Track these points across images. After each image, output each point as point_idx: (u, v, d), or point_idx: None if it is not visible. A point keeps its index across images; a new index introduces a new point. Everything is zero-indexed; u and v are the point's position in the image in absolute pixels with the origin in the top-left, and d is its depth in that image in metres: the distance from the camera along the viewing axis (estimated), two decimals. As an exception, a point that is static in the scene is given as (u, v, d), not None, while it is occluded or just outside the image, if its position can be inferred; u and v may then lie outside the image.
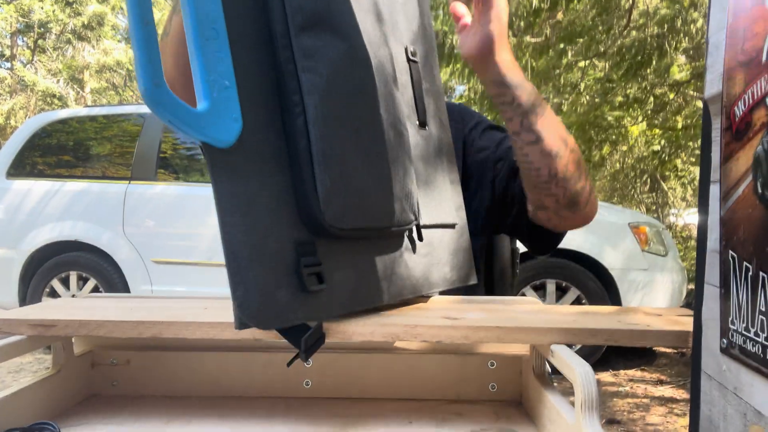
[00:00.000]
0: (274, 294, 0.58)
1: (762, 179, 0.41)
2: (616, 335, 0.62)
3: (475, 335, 0.62)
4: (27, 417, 0.65)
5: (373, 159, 0.70)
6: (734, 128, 0.46)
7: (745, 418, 0.43)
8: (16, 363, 3.45)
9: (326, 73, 0.64)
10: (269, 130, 0.62)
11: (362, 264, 0.69)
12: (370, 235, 0.70)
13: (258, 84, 0.61)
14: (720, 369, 0.47)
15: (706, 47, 0.51)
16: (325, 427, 0.67)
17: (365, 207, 0.68)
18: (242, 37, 0.59)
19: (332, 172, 0.63)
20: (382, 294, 0.71)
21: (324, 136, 0.63)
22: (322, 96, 0.63)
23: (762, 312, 0.41)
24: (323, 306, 0.63)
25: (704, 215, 0.50)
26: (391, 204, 0.71)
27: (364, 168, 0.68)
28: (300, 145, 0.62)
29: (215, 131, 0.55)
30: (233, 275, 0.56)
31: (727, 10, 0.47)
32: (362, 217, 0.67)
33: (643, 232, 3.49)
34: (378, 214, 0.70)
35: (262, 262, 0.58)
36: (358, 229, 0.67)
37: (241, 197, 0.57)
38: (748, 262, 0.43)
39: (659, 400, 3.03)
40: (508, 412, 0.72)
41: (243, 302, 0.56)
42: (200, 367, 0.78)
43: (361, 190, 0.67)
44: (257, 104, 0.60)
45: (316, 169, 0.62)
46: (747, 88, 0.44)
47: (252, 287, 0.57)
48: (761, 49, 0.42)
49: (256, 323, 0.58)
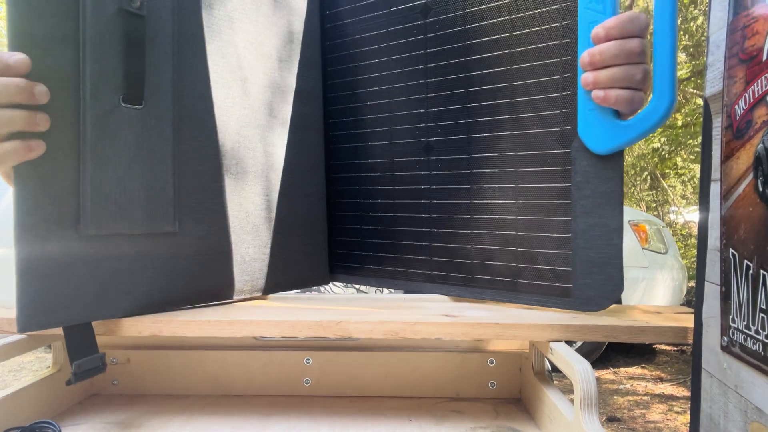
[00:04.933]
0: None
1: (763, 177, 0.41)
2: (615, 331, 0.62)
3: (474, 332, 0.62)
4: (28, 416, 0.65)
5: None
6: (735, 127, 0.46)
7: (745, 416, 0.44)
8: (17, 362, 3.45)
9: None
10: None
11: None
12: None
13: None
14: (721, 367, 0.47)
15: (706, 45, 0.51)
16: (325, 426, 0.67)
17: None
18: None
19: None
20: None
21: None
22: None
23: (763, 310, 0.41)
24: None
25: (705, 213, 0.50)
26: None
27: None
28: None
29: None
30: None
31: (727, 8, 0.47)
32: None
33: (643, 230, 3.50)
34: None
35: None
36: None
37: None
38: (748, 260, 0.43)
39: (659, 398, 3.03)
40: (508, 409, 0.72)
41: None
42: (200, 365, 0.78)
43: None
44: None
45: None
46: (748, 86, 0.44)
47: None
48: (762, 47, 0.42)
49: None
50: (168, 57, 0.68)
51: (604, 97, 0.61)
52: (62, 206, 0.59)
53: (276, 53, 0.82)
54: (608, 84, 0.60)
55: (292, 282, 0.84)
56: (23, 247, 0.57)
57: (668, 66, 0.57)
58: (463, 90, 0.75)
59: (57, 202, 0.59)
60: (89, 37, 0.61)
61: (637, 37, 0.59)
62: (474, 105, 0.74)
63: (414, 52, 0.79)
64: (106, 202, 0.62)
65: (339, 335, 0.63)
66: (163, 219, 0.68)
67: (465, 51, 0.75)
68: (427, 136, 0.79)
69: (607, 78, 0.60)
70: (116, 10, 0.63)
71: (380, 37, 0.83)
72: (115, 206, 0.63)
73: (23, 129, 0.55)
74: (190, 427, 0.66)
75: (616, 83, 0.60)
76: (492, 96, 0.72)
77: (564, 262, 0.68)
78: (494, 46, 0.72)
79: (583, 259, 0.66)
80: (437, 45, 0.77)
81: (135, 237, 0.65)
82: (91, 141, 0.61)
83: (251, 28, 0.79)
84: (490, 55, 0.72)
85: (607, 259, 0.65)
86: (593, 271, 0.66)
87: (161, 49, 0.67)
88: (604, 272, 0.65)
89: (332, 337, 0.64)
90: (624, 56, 0.59)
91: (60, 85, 0.59)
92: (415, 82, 0.79)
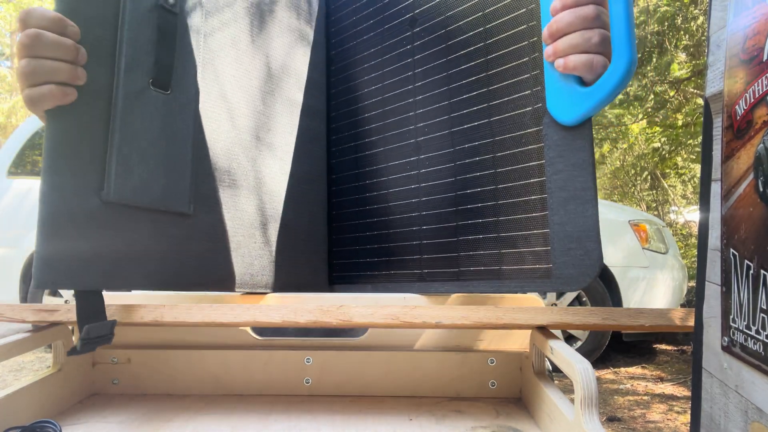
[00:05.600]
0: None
1: (763, 177, 0.41)
2: (615, 314, 0.63)
3: (474, 315, 0.63)
4: (28, 415, 0.65)
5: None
6: (735, 126, 0.46)
7: (746, 416, 0.43)
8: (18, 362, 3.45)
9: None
10: None
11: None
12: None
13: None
14: (721, 367, 0.47)
15: (707, 45, 0.51)
16: (325, 425, 0.67)
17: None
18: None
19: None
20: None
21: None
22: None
23: (763, 310, 0.41)
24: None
25: (705, 213, 0.50)
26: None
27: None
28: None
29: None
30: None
31: (728, 8, 0.47)
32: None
33: (643, 230, 3.50)
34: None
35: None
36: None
37: None
38: (749, 260, 0.43)
39: (660, 398, 3.03)
40: (508, 409, 0.72)
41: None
42: (200, 365, 0.78)
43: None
44: None
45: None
46: (748, 86, 0.44)
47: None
48: (762, 47, 0.42)
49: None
50: (194, 54, 0.74)
51: (564, 64, 0.62)
52: (88, 171, 0.63)
53: (294, 74, 0.89)
54: (567, 51, 0.62)
55: (294, 284, 0.86)
56: (47, 205, 0.59)
57: (624, 26, 0.57)
58: (446, 87, 0.78)
59: (84, 166, 0.63)
60: (127, 23, 0.66)
61: (592, 3, 0.61)
62: (455, 100, 0.77)
63: (404, 61, 0.83)
64: (129, 174, 0.66)
65: (340, 319, 0.64)
66: (180, 199, 0.71)
67: (446, 51, 0.78)
68: (416, 137, 0.81)
69: (565, 45, 0.62)
70: (153, 4, 0.70)
71: (377, 53, 0.87)
72: (137, 179, 0.66)
73: (65, 80, 0.61)
74: (191, 426, 0.66)
75: (574, 49, 0.62)
76: (470, 88, 0.75)
77: (543, 242, 0.68)
78: (470, 41, 0.75)
79: (560, 236, 0.66)
80: (423, 50, 0.81)
81: (152, 212, 0.68)
82: (122, 115, 0.66)
83: (275, 42, 0.86)
84: (468, 51, 0.76)
85: (583, 231, 0.65)
86: (571, 247, 0.66)
87: (189, 46, 0.73)
88: (582, 246, 0.65)
89: (334, 322, 0.64)
90: (579, 22, 0.61)
91: (98, 61, 0.64)
92: (405, 89, 0.83)
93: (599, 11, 0.60)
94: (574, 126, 0.64)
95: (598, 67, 0.61)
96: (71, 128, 0.62)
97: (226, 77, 0.78)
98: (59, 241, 0.60)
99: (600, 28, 0.61)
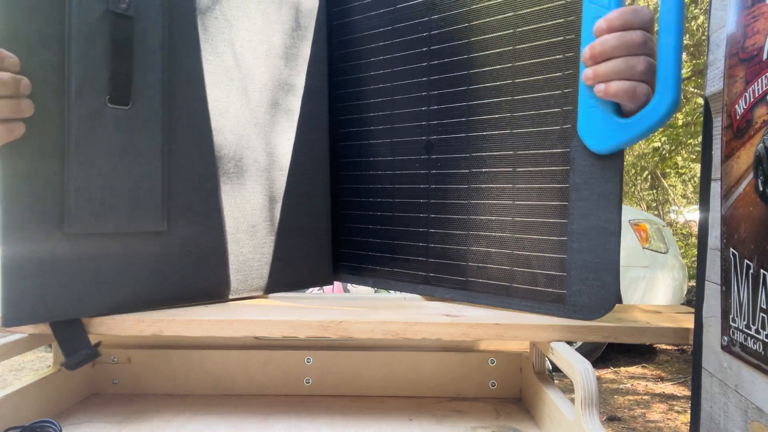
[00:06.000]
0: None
1: (763, 177, 0.41)
2: (616, 332, 0.62)
3: (474, 332, 0.62)
4: (28, 415, 0.65)
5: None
6: (735, 126, 0.46)
7: (746, 415, 0.43)
8: (18, 361, 3.45)
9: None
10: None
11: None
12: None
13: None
14: (721, 366, 0.47)
15: (707, 45, 0.51)
16: (325, 425, 0.67)
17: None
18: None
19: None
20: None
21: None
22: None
23: (763, 309, 0.41)
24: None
25: (705, 213, 0.50)
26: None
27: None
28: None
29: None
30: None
31: (728, 7, 0.47)
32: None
33: (643, 230, 3.50)
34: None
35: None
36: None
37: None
38: (749, 259, 0.43)
39: (660, 397, 3.03)
40: (509, 409, 0.72)
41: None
42: (201, 365, 0.78)
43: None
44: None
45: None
46: (748, 86, 0.44)
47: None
48: (762, 46, 0.42)
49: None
50: (157, 58, 0.68)
51: (605, 90, 0.59)
52: (46, 205, 0.61)
53: (281, 50, 0.82)
54: (609, 76, 0.58)
55: (294, 282, 0.84)
56: (8, 245, 0.58)
57: (672, 62, 0.55)
58: (464, 87, 0.74)
59: (41, 201, 0.60)
60: (74, 38, 0.62)
61: (640, 29, 0.57)
62: (475, 103, 0.73)
63: (418, 49, 0.79)
64: (90, 202, 0.63)
65: (340, 335, 0.63)
66: (151, 218, 0.68)
67: (468, 48, 0.74)
68: (428, 135, 0.78)
69: (607, 70, 0.58)
70: (103, 12, 0.64)
71: (386, 33, 0.82)
72: (99, 205, 0.64)
73: (8, 116, 0.57)
74: (191, 426, 0.66)
75: (616, 75, 0.58)
76: (493, 93, 0.72)
77: (559, 267, 0.66)
78: (497, 43, 0.71)
79: (578, 263, 0.65)
80: (441, 42, 0.76)
81: (121, 236, 0.66)
82: (76, 141, 0.62)
83: (250, 26, 0.78)
84: (493, 52, 0.72)
85: (602, 263, 0.63)
86: (588, 277, 0.64)
87: (150, 50, 0.68)
88: (599, 278, 0.63)
89: (333, 337, 0.64)
90: (624, 47, 0.57)
91: (46, 86, 0.60)
92: (419, 80, 0.79)
93: (647, 38, 0.57)
94: (604, 155, 0.62)
95: (641, 95, 0.58)
96: (24, 163, 0.59)
97: (228, 58, 0.75)
98: (24, 280, 0.60)
99: (646, 55, 0.57)
